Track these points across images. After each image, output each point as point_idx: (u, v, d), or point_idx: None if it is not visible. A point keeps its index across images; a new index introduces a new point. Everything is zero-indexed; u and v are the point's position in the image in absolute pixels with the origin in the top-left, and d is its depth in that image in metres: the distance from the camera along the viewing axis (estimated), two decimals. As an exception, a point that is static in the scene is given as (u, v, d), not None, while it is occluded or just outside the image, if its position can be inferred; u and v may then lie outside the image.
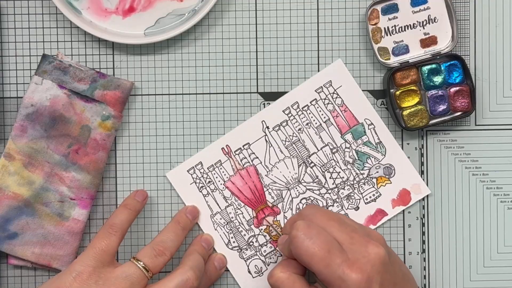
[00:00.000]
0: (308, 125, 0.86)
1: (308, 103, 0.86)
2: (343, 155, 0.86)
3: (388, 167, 0.86)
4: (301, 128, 0.86)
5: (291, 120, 0.86)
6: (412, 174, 0.86)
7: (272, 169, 0.86)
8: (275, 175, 0.86)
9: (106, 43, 0.86)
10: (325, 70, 0.86)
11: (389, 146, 0.86)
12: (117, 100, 0.84)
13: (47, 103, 0.83)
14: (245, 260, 0.87)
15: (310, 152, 0.86)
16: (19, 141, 0.83)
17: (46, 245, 0.84)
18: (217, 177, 0.86)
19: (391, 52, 0.86)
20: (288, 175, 0.86)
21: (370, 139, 0.86)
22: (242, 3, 0.86)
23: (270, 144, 0.86)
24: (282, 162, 0.86)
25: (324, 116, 0.86)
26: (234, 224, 0.86)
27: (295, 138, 0.86)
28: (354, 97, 0.86)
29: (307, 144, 0.86)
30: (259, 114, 0.86)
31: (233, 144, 0.86)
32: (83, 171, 0.84)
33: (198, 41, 0.86)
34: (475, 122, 0.87)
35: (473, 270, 0.87)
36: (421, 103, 0.86)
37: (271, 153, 0.86)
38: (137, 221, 0.86)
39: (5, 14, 0.85)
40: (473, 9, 0.87)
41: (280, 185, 0.86)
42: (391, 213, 0.86)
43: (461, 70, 0.85)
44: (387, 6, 0.85)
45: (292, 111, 0.86)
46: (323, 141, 0.86)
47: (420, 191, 0.86)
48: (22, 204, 0.83)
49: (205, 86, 0.87)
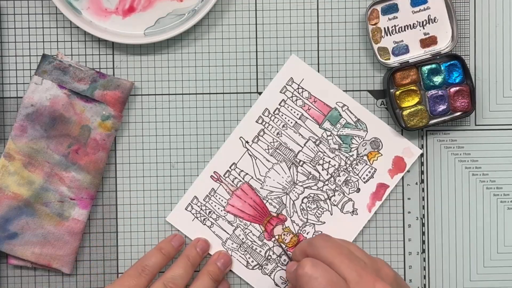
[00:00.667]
0: (285, 127, 0.86)
1: (278, 105, 0.86)
2: (328, 143, 0.86)
3: (374, 141, 0.86)
4: (279, 132, 0.86)
5: (267, 128, 0.86)
6: (399, 140, 0.86)
7: (265, 180, 0.86)
8: (269, 184, 0.86)
9: (106, 43, 0.86)
10: (283, 69, 0.86)
11: (368, 121, 0.86)
12: (117, 100, 0.84)
13: (47, 103, 0.83)
14: (268, 275, 0.86)
15: (296, 152, 0.86)
16: (19, 141, 0.83)
17: (46, 245, 0.84)
18: (215, 205, 0.86)
19: (391, 52, 0.86)
20: (282, 180, 0.86)
21: (348, 120, 0.86)
22: (242, 3, 0.86)
23: (255, 157, 0.86)
24: (272, 170, 0.86)
25: (296, 113, 0.86)
26: (247, 244, 0.86)
27: (277, 143, 0.86)
28: (319, 86, 0.86)
29: (290, 145, 0.86)
30: (235, 132, 0.86)
31: (220, 168, 0.86)
32: (83, 171, 0.84)
33: (198, 41, 0.86)
34: (475, 122, 0.87)
35: (473, 270, 0.87)
36: (421, 103, 0.86)
37: (259, 165, 0.86)
38: (137, 221, 0.87)
39: (5, 14, 0.85)
40: (473, 9, 0.87)
41: (278, 192, 0.86)
42: (392, 184, 0.86)
43: (461, 70, 0.85)
44: (387, 6, 0.85)
45: (265, 119, 0.86)
46: (304, 137, 0.86)
47: (412, 154, 0.86)
48: (22, 204, 0.83)
49: (205, 86, 0.87)
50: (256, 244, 0.86)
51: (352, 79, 0.87)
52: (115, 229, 0.87)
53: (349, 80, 0.87)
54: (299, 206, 0.86)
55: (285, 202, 0.86)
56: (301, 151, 0.86)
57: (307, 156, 0.86)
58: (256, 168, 0.86)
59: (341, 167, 0.86)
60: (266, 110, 0.86)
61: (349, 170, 0.86)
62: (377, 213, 0.87)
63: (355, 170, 0.86)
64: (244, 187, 0.86)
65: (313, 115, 0.86)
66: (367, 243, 0.87)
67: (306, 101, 0.86)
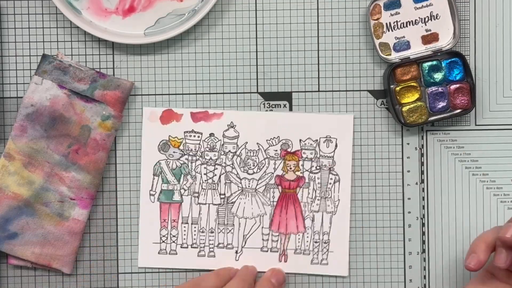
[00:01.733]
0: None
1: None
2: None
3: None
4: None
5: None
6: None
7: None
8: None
9: (106, 43, 0.86)
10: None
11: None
12: (117, 100, 0.84)
13: (47, 103, 0.83)
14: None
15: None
16: (19, 141, 0.83)
17: (46, 245, 0.84)
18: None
19: (392, 47, 0.86)
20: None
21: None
22: (242, 3, 0.86)
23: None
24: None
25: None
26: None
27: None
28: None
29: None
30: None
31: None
32: (83, 171, 0.84)
33: (198, 41, 0.86)
34: (475, 122, 0.87)
35: (473, 270, 0.87)
36: (421, 99, 0.86)
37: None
38: (137, 221, 0.86)
39: (5, 14, 0.85)
40: (473, 9, 0.87)
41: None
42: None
43: (462, 68, 0.85)
44: (390, 1, 0.85)
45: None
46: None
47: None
48: (22, 204, 0.83)
49: (205, 86, 0.87)
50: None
51: (352, 79, 0.87)
52: (115, 229, 0.87)
53: (349, 80, 0.87)
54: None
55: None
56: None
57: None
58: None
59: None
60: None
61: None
62: (377, 213, 0.87)
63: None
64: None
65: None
66: (367, 243, 0.87)
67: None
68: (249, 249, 0.86)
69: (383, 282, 0.87)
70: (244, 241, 0.86)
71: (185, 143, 0.86)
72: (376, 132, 0.87)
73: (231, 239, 0.86)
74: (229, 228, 0.86)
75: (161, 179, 0.86)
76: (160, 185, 0.86)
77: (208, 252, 0.86)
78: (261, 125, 0.86)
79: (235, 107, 0.87)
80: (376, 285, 0.87)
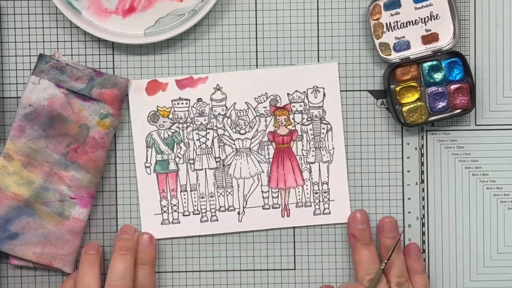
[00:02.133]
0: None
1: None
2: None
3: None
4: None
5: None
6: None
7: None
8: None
9: (106, 43, 0.86)
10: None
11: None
12: (115, 98, 0.84)
13: (45, 103, 0.83)
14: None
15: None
16: (17, 141, 0.83)
17: (47, 244, 0.84)
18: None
19: (392, 47, 0.86)
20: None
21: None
22: (242, 3, 0.86)
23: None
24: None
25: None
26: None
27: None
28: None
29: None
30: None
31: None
32: (83, 170, 0.84)
33: (198, 41, 0.86)
34: (475, 122, 0.87)
35: (473, 270, 0.87)
36: (421, 99, 0.86)
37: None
38: (137, 221, 0.87)
39: (5, 14, 0.85)
40: (473, 9, 0.87)
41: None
42: None
43: (462, 68, 0.85)
44: (390, 1, 0.85)
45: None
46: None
47: None
48: (22, 204, 0.83)
49: (205, 86, 0.87)
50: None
51: (352, 79, 0.87)
52: (115, 229, 0.87)
53: (349, 80, 0.87)
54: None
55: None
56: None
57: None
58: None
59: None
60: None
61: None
62: (377, 213, 0.87)
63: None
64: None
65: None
66: (367, 243, 0.87)
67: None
68: (251, 208, 0.86)
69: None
70: (245, 201, 0.86)
71: (174, 112, 0.86)
72: (376, 132, 0.87)
73: (232, 201, 0.87)
74: (228, 190, 0.86)
75: (154, 150, 0.86)
76: (155, 156, 0.86)
77: (210, 217, 0.86)
78: (247, 83, 0.86)
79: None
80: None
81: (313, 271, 0.87)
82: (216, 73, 0.86)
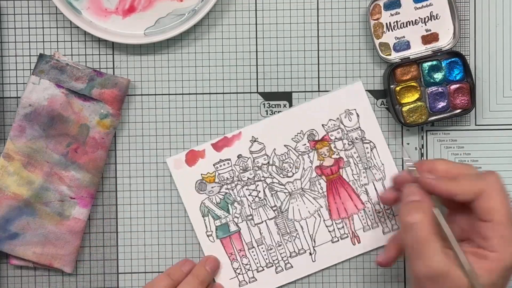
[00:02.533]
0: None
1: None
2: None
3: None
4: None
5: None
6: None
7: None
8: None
9: (106, 43, 0.86)
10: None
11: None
12: (115, 98, 0.84)
13: (45, 103, 0.83)
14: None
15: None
16: (18, 141, 0.83)
17: (47, 244, 0.84)
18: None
19: (392, 47, 0.86)
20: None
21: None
22: (242, 3, 0.86)
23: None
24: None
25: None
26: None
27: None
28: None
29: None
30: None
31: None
32: (83, 170, 0.84)
33: (198, 41, 0.86)
34: (475, 122, 0.87)
35: (473, 270, 0.87)
36: (421, 99, 0.86)
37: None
38: (137, 221, 0.87)
39: (5, 14, 0.85)
40: (473, 9, 0.87)
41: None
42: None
43: (462, 68, 0.85)
44: (390, 1, 0.85)
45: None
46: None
47: None
48: (22, 204, 0.83)
49: (205, 86, 0.87)
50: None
51: (352, 79, 0.87)
52: (115, 229, 0.87)
53: (349, 80, 0.87)
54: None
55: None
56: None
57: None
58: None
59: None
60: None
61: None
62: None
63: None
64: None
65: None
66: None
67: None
68: (321, 246, 0.86)
69: (382, 282, 0.87)
70: (313, 240, 0.86)
71: (218, 175, 0.86)
72: (376, 132, 0.87)
73: (300, 244, 0.86)
74: (293, 235, 0.86)
75: (211, 217, 0.86)
76: (213, 222, 0.86)
77: (284, 265, 0.86)
78: (281, 127, 0.86)
79: (235, 107, 0.87)
80: (376, 285, 0.87)
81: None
82: (246, 127, 0.86)
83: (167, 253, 0.87)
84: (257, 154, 0.86)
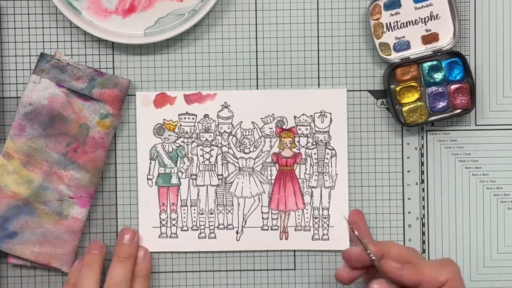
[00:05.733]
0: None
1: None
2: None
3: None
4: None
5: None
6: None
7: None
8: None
9: (106, 43, 0.86)
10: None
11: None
12: (115, 98, 0.84)
13: (45, 102, 0.83)
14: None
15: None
16: (17, 140, 0.83)
17: (46, 244, 0.84)
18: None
19: (392, 47, 0.86)
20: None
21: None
22: (242, 3, 0.86)
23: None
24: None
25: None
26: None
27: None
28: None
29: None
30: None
31: None
32: (82, 169, 0.84)
33: (198, 41, 0.86)
34: (475, 122, 0.87)
35: (473, 270, 0.87)
36: (421, 99, 0.86)
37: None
38: (137, 221, 0.87)
39: (5, 14, 0.86)
40: (473, 9, 0.87)
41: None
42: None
43: (462, 68, 0.85)
44: (390, 1, 0.85)
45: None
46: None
47: None
48: (21, 203, 0.83)
49: (205, 86, 0.87)
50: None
51: (352, 79, 0.87)
52: (115, 229, 0.87)
53: (349, 80, 0.87)
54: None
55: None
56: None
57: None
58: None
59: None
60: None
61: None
62: (377, 213, 0.87)
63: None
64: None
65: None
66: (367, 243, 0.87)
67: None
68: (250, 228, 0.86)
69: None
70: (244, 220, 0.86)
71: (180, 126, 0.86)
72: (376, 132, 0.87)
73: (231, 219, 0.86)
74: (228, 208, 0.86)
75: (157, 163, 0.86)
76: (157, 169, 0.86)
77: (208, 234, 0.86)
78: (255, 103, 0.86)
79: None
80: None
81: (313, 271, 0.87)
82: (224, 91, 0.86)
83: (167, 253, 0.87)
84: (223, 121, 0.86)
